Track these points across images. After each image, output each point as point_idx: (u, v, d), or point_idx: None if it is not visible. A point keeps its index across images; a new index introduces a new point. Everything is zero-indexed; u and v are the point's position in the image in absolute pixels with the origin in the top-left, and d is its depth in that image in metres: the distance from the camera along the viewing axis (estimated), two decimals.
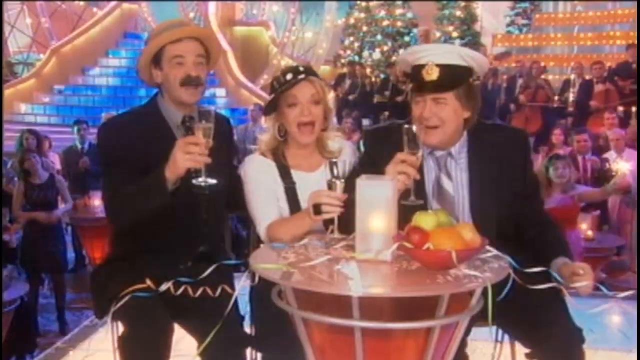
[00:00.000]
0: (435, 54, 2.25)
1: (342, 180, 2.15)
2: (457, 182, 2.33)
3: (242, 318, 2.50)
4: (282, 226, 2.36)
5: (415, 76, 2.28)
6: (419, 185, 2.23)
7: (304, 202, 2.41)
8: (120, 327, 2.34)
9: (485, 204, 2.30)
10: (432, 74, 2.22)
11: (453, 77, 2.24)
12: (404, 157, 2.12)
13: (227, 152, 2.61)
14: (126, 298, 2.20)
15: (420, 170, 2.23)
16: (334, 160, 2.18)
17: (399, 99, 10.78)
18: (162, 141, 2.31)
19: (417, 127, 2.16)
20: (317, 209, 2.14)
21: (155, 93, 2.54)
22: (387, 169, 2.13)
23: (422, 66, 2.24)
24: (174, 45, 2.38)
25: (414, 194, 2.16)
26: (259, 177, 2.45)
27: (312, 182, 2.46)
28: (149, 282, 2.18)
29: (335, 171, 2.14)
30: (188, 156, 2.13)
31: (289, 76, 2.42)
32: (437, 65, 2.22)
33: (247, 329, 2.52)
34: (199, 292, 2.15)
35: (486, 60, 2.44)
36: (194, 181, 2.18)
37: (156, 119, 2.45)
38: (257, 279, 1.99)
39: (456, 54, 2.27)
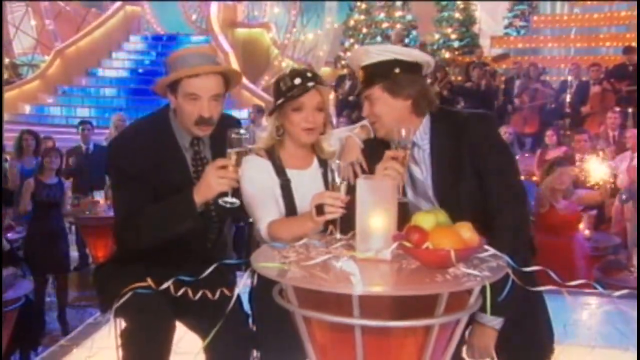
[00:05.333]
0: (357, 59, 2.39)
1: (345, 182, 2.14)
2: (423, 168, 2.37)
3: (248, 316, 2.51)
4: (283, 226, 2.33)
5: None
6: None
7: (299, 198, 2.44)
8: (123, 324, 2.35)
9: (447, 183, 2.32)
10: (360, 77, 2.36)
11: (373, 74, 2.32)
12: (393, 154, 2.19)
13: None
14: (128, 295, 2.21)
15: None
16: (337, 162, 2.18)
17: None
18: (173, 163, 2.34)
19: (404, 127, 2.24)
20: (319, 209, 2.12)
21: (166, 105, 2.48)
22: (377, 168, 2.20)
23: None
24: (190, 80, 2.30)
25: (400, 192, 2.19)
26: (257, 176, 2.43)
27: (305, 179, 2.49)
28: (149, 281, 2.20)
29: (337, 173, 2.15)
30: (223, 180, 2.16)
31: (297, 81, 2.39)
32: (361, 67, 2.35)
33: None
34: (198, 294, 2.17)
35: (397, 47, 2.56)
36: (220, 201, 2.22)
37: (168, 139, 2.42)
38: (255, 278, 1.99)
39: (369, 54, 2.36)
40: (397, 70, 2.32)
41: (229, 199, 2.21)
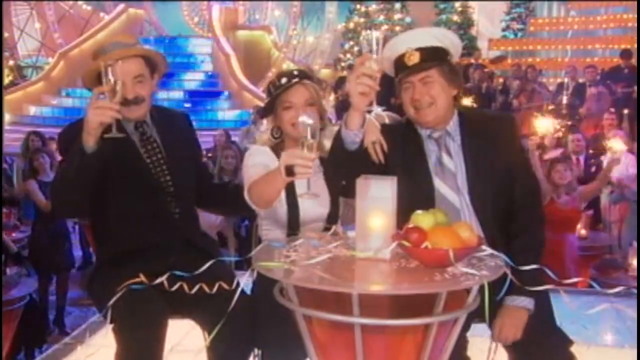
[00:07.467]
0: (411, 41, 2.31)
1: (315, 141, 2.06)
2: (456, 158, 2.36)
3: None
4: (257, 185, 2.33)
5: (399, 66, 2.32)
6: (423, 165, 2.35)
7: (299, 189, 2.44)
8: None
9: (481, 178, 2.33)
10: (414, 58, 2.27)
11: (433, 56, 2.29)
12: (363, 59, 2.10)
13: (188, 147, 2.66)
14: (121, 292, 2.22)
15: (421, 151, 2.36)
16: (309, 122, 2.04)
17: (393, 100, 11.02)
18: (117, 141, 2.29)
19: (410, 111, 2.31)
20: (289, 170, 2.09)
21: None
22: (349, 77, 2.22)
23: (402, 55, 2.30)
24: (112, 67, 2.30)
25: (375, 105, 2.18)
26: (258, 157, 2.49)
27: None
28: (142, 277, 2.20)
29: (310, 133, 2.05)
30: (98, 111, 2.16)
31: (283, 80, 2.46)
32: (416, 49, 2.28)
33: None
34: (195, 289, 2.15)
35: (457, 37, 2.47)
36: (105, 136, 2.21)
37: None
38: (255, 274, 2.01)
39: (430, 36, 2.33)
40: (449, 57, 2.34)
41: (113, 132, 2.20)
